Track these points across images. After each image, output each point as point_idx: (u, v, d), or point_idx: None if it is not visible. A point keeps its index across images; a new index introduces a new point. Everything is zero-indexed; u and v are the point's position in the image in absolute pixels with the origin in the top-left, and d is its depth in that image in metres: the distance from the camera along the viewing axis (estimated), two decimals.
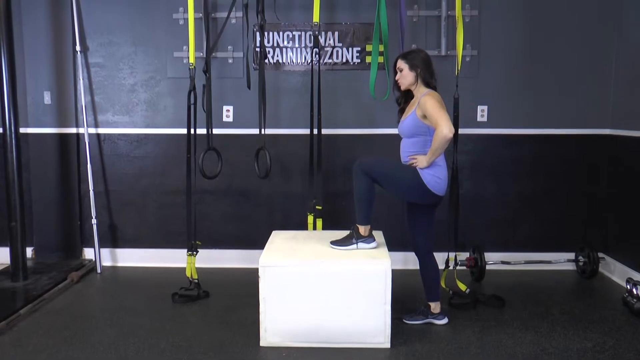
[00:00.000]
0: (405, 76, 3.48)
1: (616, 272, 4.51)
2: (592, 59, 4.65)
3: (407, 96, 3.61)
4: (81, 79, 4.77)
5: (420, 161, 3.36)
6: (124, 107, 4.86)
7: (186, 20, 4.54)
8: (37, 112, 4.82)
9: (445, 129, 3.20)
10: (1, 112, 4.29)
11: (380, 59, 4.25)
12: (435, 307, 3.64)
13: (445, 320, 3.64)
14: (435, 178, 3.38)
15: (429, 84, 3.47)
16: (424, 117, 3.35)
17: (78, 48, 4.73)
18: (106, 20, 4.77)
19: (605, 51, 4.63)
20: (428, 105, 3.30)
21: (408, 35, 4.49)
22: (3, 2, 4.19)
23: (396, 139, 3.60)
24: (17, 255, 4.39)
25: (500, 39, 4.66)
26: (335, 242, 3.51)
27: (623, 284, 4.13)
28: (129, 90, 4.84)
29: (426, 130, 3.38)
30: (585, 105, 4.69)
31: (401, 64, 3.49)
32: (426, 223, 3.61)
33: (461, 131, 4.22)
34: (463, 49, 4.14)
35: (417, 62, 3.45)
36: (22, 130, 4.48)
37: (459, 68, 4.05)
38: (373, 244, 3.48)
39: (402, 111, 3.63)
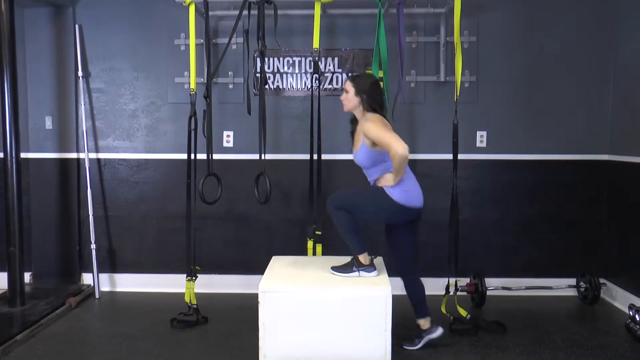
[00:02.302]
0: (350, 99, 3.47)
1: (618, 298, 4.49)
2: (590, 85, 4.69)
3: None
4: (82, 104, 4.80)
5: (387, 180, 3.35)
6: (124, 132, 4.88)
7: (187, 46, 4.58)
8: (38, 137, 4.84)
9: (399, 148, 3.17)
10: (2, 137, 4.31)
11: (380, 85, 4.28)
12: (424, 323, 3.61)
13: (440, 331, 3.61)
14: (404, 192, 3.36)
15: (375, 110, 3.45)
16: (374, 144, 3.33)
17: (80, 73, 4.76)
18: (108, 46, 4.82)
19: (603, 77, 4.67)
20: (371, 132, 3.30)
21: (407, 61, 4.53)
22: (7, 27, 4.23)
23: None
24: (15, 281, 4.36)
25: (499, 65, 4.70)
26: (336, 268, 3.50)
27: (625, 310, 4.11)
28: (130, 115, 4.87)
29: (382, 157, 3.38)
30: (584, 131, 4.71)
31: (348, 86, 3.48)
32: (409, 242, 3.59)
33: (460, 157, 4.23)
34: (462, 75, 4.18)
35: (364, 88, 3.43)
36: (22, 155, 4.49)
37: (458, 94, 4.07)
38: (374, 273, 3.46)
39: (352, 134, 3.63)
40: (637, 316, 3.78)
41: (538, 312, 4.34)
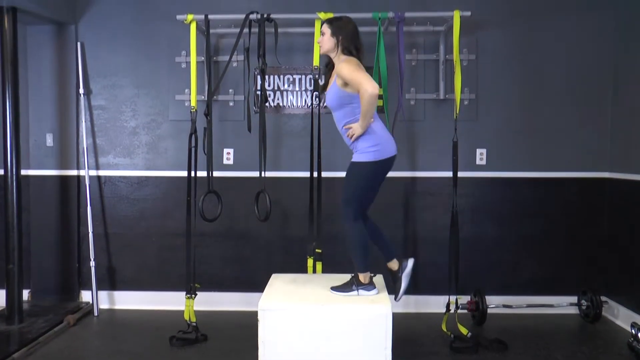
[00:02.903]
0: (326, 41, 3.45)
1: (620, 316, 4.46)
2: (590, 102, 4.70)
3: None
4: (83, 121, 4.81)
5: (356, 129, 3.33)
6: (125, 149, 4.89)
7: (188, 63, 4.61)
8: (39, 154, 4.85)
9: (368, 87, 3.16)
10: (3, 153, 4.33)
11: (380, 102, 4.29)
12: (393, 265, 3.56)
13: (411, 261, 3.55)
14: (377, 149, 3.34)
15: (351, 53, 3.42)
16: (345, 85, 3.32)
17: (81, 90, 4.79)
18: (109, 63, 4.84)
19: (603, 94, 4.69)
20: (344, 71, 3.27)
21: (407, 79, 4.55)
22: (10, 45, 4.26)
23: (398, 180, 3.59)
24: (13, 298, 4.34)
25: (498, 83, 4.72)
26: (335, 288, 3.47)
27: (627, 328, 4.08)
28: (130, 132, 4.88)
29: (351, 99, 3.35)
30: (584, 149, 4.72)
31: (325, 28, 3.47)
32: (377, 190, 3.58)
33: (460, 174, 4.24)
34: (461, 92, 4.19)
35: (341, 31, 3.42)
36: (23, 172, 4.50)
37: (458, 112, 4.09)
38: (374, 292, 3.43)
39: (325, 82, 3.61)
40: (639, 334, 3.76)
41: (539, 330, 4.32)
